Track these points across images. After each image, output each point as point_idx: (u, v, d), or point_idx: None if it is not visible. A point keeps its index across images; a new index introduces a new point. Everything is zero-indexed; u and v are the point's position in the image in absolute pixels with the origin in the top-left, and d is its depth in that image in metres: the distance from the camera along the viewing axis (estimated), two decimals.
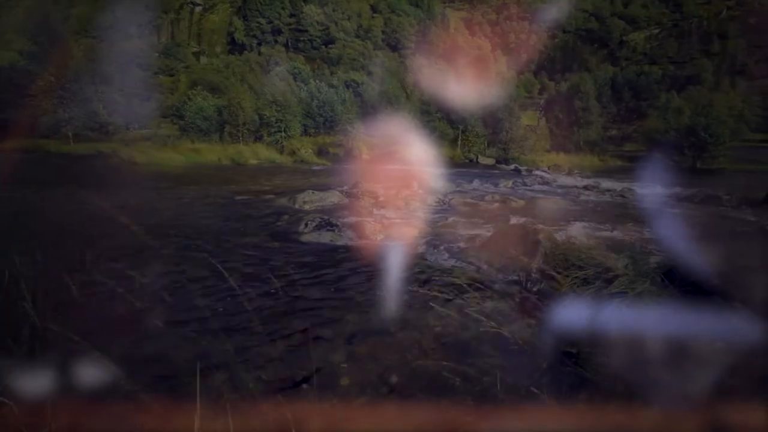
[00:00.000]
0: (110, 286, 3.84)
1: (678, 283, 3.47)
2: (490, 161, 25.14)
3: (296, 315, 3.74)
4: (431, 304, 3.82)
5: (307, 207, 9.09)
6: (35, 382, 2.41)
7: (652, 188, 13.68)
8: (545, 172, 19.29)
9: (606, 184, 14.40)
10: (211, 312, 3.69)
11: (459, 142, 27.36)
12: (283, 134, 25.11)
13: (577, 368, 2.79)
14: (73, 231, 6.39)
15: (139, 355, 2.95)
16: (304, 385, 2.65)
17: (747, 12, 63.46)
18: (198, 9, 69.50)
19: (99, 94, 31.83)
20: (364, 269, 5.06)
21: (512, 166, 22.41)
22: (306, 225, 7.00)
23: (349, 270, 5.03)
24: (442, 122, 27.58)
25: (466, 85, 29.03)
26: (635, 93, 33.01)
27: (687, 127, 23.12)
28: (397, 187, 11.68)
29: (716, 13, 65.68)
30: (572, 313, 3.31)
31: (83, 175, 15.65)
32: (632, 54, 67.89)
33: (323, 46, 61.21)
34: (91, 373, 2.06)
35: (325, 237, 6.49)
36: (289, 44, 63.33)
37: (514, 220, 7.46)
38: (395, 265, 5.21)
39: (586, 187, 13.69)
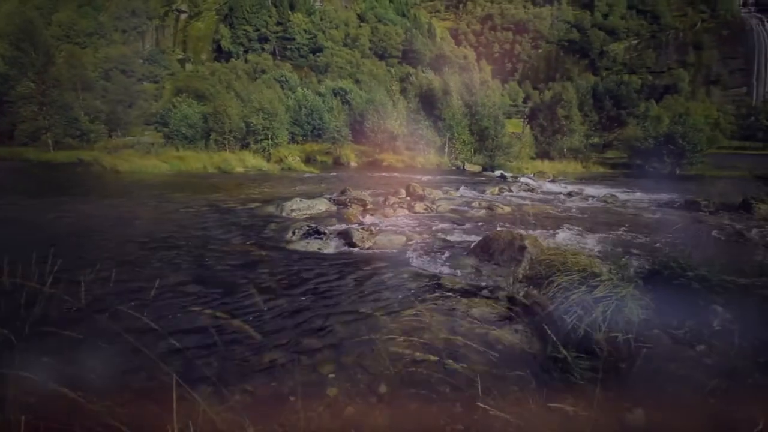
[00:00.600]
0: (90, 298, 3.76)
1: (660, 287, 3.56)
2: (477, 168, 25.35)
3: (282, 324, 3.70)
4: (419, 310, 3.82)
5: (294, 215, 9.02)
6: (13, 397, 2.32)
7: (634, 194, 14.02)
8: (530, 178, 19.54)
9: (589, 190, 14.67)
10: (193, 322, 3.63)
11: (446, 150, 27.60)
12: (270, 142, 24.90)
13: (564, 372, 2.82)
14: (53, 242, 6.22)
15: (119, 366, 2.88)
16: (291, 397, 2.62)
17: (720, 24, 66.15)
18: (183, 16, 69.17)
19: (80, 100, 31.26)
20: (352, 277, 5.05)
21: (498, 173, 22.64)
22: (293, 233, 6.95)
23: (336, 277, 5.01)
24: (429, 130, 27.81)
25: (452, 94, 29.39)
26: (616, 102, 33.99)
27: (665, 134, 23.85)
28: (385, 194, 11.73)
29: (692, 25, 68.23)
30: (558, 318, 3.36)
31: (64, 184, 15.27)
32: (612, 64, 69.95)
33: (311, 54, 61.44)
34: (68, 385, 1.99)
35: (313, 245, 6.46)
36: (276, 52, 63.38)
37: (500, 227, 7.54)
38: (383, 273, 5.20)
39: (570, 194, 13.93)
